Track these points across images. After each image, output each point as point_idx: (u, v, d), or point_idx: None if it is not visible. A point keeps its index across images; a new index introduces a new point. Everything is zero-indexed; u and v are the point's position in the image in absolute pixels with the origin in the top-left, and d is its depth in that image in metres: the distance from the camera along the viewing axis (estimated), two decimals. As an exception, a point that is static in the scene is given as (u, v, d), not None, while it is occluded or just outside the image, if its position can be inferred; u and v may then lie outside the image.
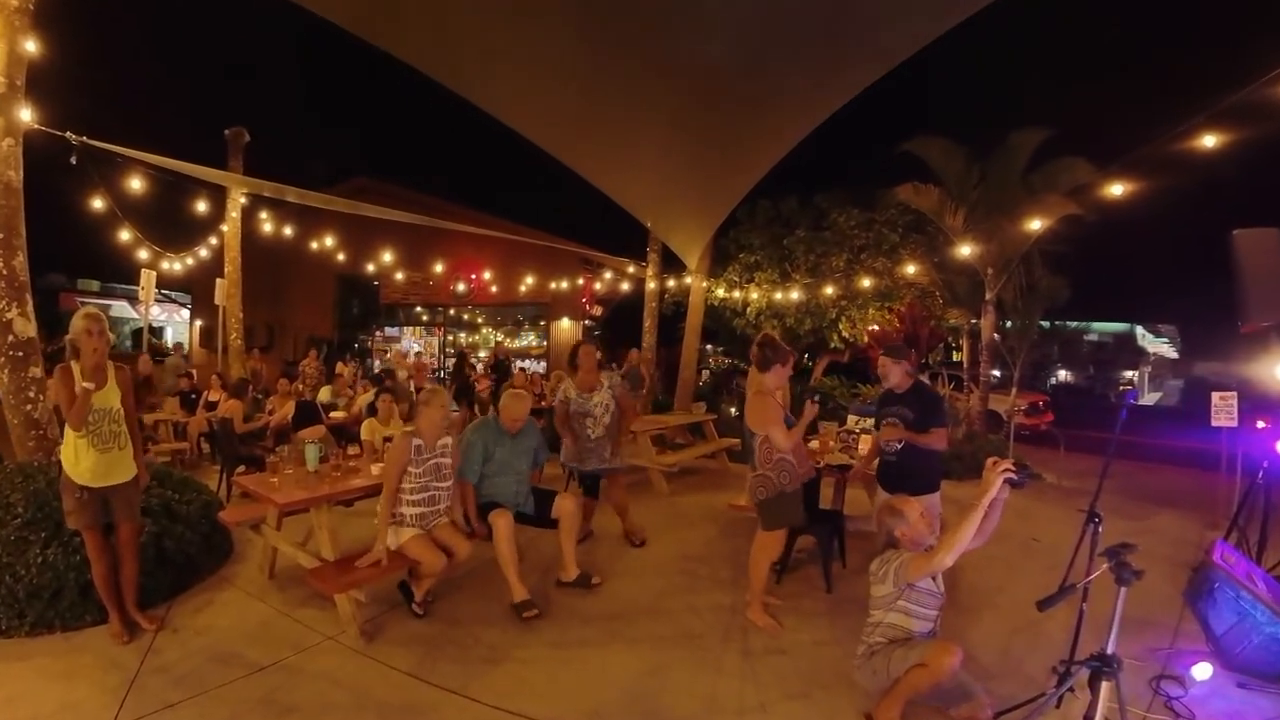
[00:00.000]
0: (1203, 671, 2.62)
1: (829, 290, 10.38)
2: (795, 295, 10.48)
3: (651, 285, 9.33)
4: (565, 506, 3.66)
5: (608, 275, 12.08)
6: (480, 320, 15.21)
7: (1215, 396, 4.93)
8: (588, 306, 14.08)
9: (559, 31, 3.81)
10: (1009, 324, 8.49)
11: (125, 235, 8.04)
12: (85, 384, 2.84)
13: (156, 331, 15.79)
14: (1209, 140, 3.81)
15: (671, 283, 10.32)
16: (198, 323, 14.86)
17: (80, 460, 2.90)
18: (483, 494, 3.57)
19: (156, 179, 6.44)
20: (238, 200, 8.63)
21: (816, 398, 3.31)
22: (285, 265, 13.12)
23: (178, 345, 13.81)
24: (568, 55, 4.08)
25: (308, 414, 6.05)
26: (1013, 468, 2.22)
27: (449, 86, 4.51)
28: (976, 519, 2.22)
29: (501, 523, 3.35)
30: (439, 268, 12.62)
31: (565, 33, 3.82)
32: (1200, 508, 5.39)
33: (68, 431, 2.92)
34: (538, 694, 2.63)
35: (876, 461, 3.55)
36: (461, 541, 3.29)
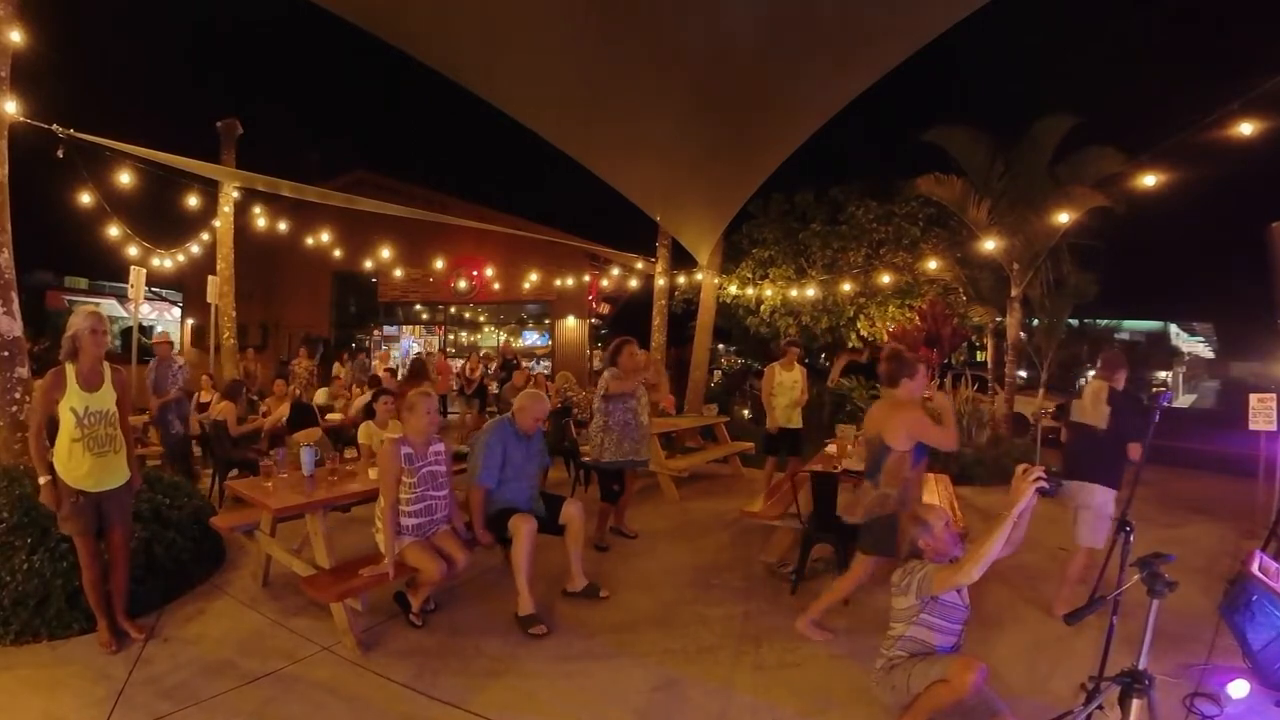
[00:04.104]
0: (1239, 689, 2.52)
1: (846, 287, 10.24)
2: (811, 292, 10.33)
3: (661, 282, 9.14)
4: (572, 513, 3.54)
5: (615, 272, 11.94)
6: (482, 319, 15.06)
7: (1253, 399, 4.82)
8: (594, 304, 13.94)
9: (564, 18, 3.71)
10: (1035, 322, 8.34)
11: (114, 231, 7.92)
12: (43, 478, 2.81)
13: (146, 330, 15.66)
14: (1247, 128, 3.69)
15: (682, 280, 10.15)
16: (189, 321, 14.72)
17: (76, 465, 2.83)
18: (497, 499, 3.43)
19: (146, 173, 6.33)
20: (230, 195, 8.50)
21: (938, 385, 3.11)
22: (280, 262, 13.02)
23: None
24: (573, 43, 3.98)
25: (303, 416, 5.94)
26: (1044, 475, 2.12)
27: (449, 76, 4.41)
28: (1006, 530, 2.12)
29: (525, 528, 3.21)
30: (439, 264, 12.48)
31: (571, 19, 3.71)
32: (1237, 516, 5.25)
33: (61, 435, 2.84)
34: (542, 709, 2.55)
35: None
36: (461, 550, 3.18)
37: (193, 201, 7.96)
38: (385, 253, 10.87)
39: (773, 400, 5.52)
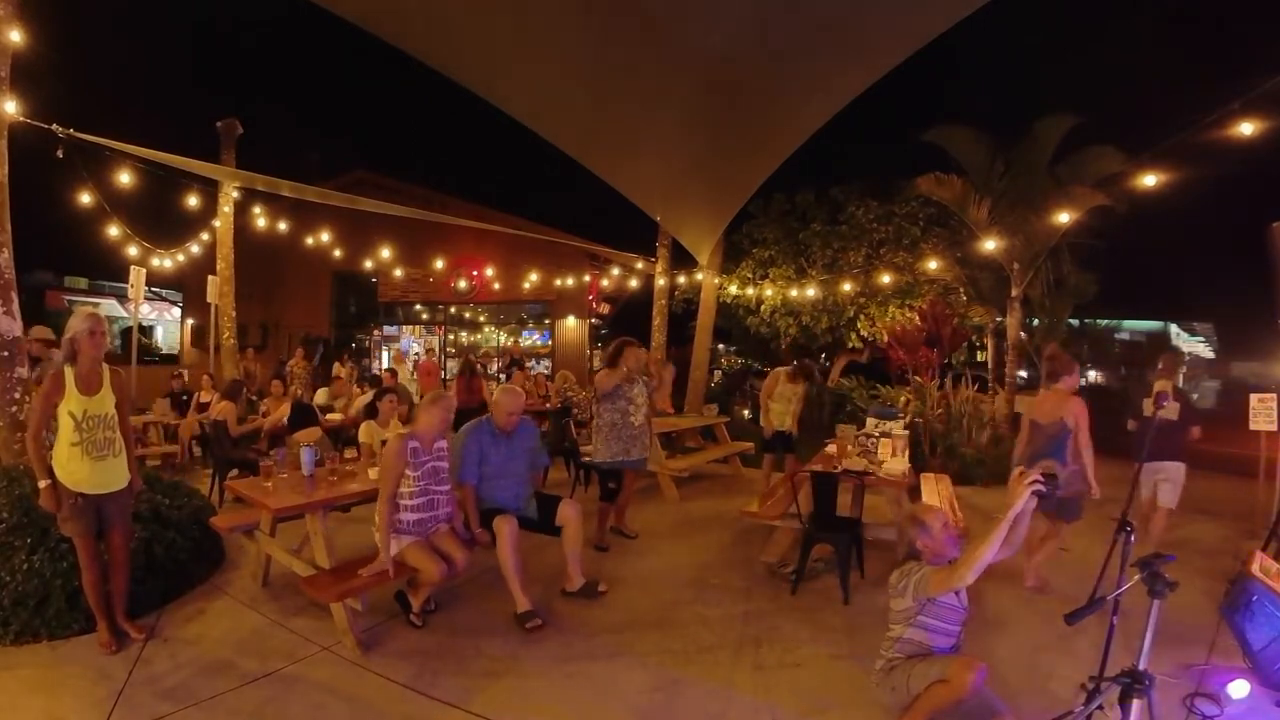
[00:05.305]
0: (1239, 689, 2.51)
1: (846, 287, 10.25)
2: (811, 292, 10.33)
3: (661, 282, 9.12)
4: (568, 513, 3.54)
5: (615, 272, 11.93)
6: (483, 319, 15.05)
7: (1253, 399, 4.81)
8: (594, 304, 13.93)
9: (564, 18, 3.70)
10: (1036, 322, 8.34)
11: (114, 231, 7.93)
12: (43, 482, 2.81)
13: (146, 331, 15.64)
14: (1247, 128, 3.71)
15: (682, 280, 10.12)
16: (189, 321, 14.72)
17: (75, 469, 2.82)
18: (483, 499, 3.45)
19: (146, 173, 6.33)
20: (230, 195, 8.50)
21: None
22: (280, 262, 13.01)
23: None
24: (574, 43, 3.98)
25: (303, 416, 5.93)
26: (1041, 478, 2.12)
27: (449, 76, 4.41)
28: (1001, 533, 2.12)
29: (506, 529, 3.24)
30: (439, 264, 12.48)
31: (572, 20, 3.70)
32: (1238, 517, 5.25)
33: (60, 437, 2.83)
34: (541, 709, 2.54)
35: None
36: (461, 550, 3.18)
37: (193, 201, 7.96)
38: (385, 253, 10.87)
39: (769, 403, 5.53)
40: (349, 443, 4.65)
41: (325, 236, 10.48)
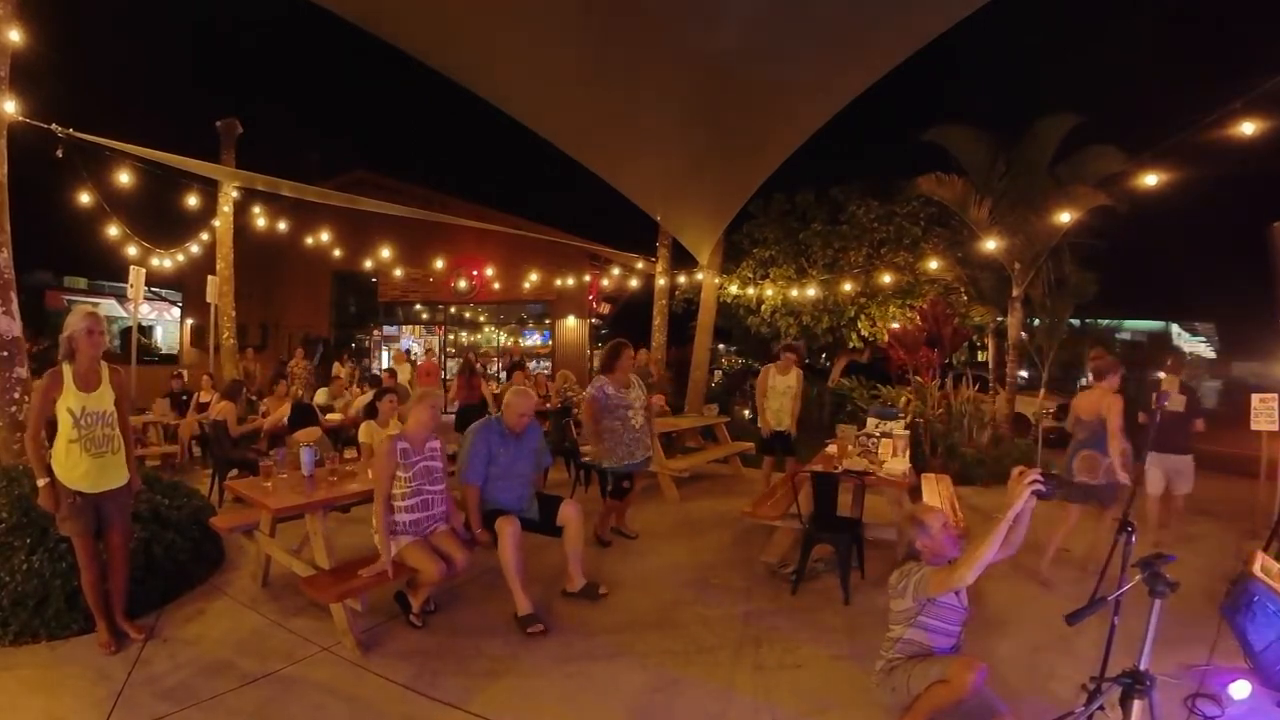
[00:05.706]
0: (1240, 690, 2.51)
1: (847, 287, 10.25)
2: (812, 292, 10.35)
3: (661, 282, 9.12)
4: (569, 514, 3.54)
5: (615, 272, 11.93)
6: (483, 319, 15.05)
7: (1254, 399, 4.82)
8: (594, 304, 13.92)
9: (564, 17, 3.70)
10: (1037, 322, 8.35)
11: (114, 231, 7.94)
12: (41, 481, 2.81)
13: (146, 330, 15.64)
14: (1248, 128, 3.72)
15: (682, 279, 10.13)
16: (189, 321, 14.73)
17: (73, 466, 2.82)
18: (486, 499, 3.45)
19: (145, 173, 6.33)
20: (230, 195, 8.50)
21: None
22: (280, 262, 13.01)
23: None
24: (573, 42, 3.98)
25: (304, 416, 5.93)
26: (1040, 478, 2.12)
27: (449, 76, 4.41)
28: (1001, 533, 2.12)
29: (508, 530, 3.23)
30: (439, 264, 12.49)
31: (572, 20, 3.71)
32: (1239, 517, 5.25)
33: (59, 436, 2.84)
34: (541, 710, 2.54)
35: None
36: (460, 550, 3.18)
37: (192, 201, 7.98)
38: (385, 253, 10.89)
39: (764, 402, 5.53)
40: (349, 443, 4.65)
41: (325, 236, 10.50)
